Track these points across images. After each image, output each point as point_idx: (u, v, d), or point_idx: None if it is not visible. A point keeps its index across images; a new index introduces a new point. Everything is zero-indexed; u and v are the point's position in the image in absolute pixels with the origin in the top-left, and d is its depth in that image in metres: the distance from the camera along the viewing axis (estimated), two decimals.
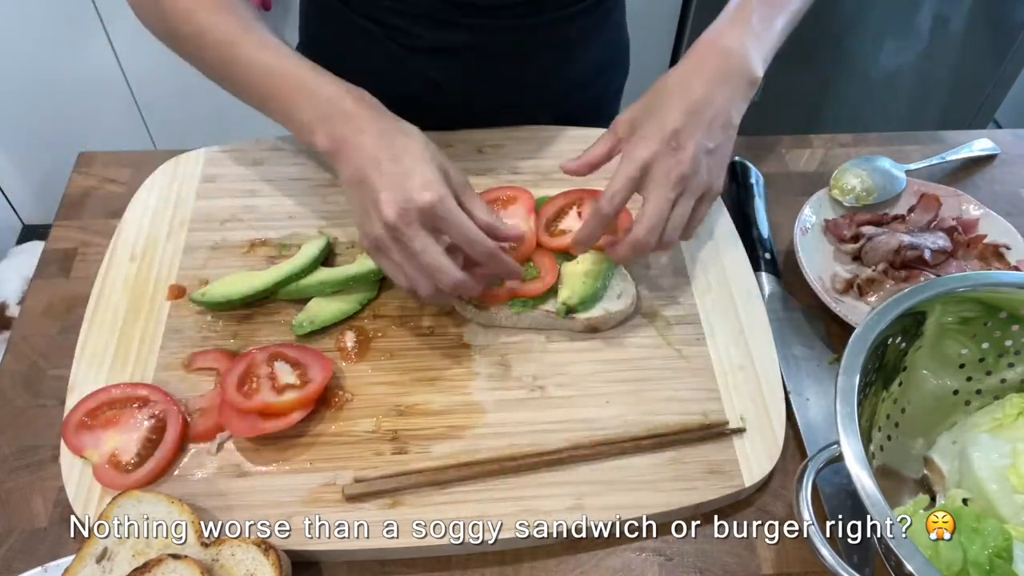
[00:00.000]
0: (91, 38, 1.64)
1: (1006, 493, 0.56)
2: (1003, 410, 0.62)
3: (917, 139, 0.97)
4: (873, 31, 1.64)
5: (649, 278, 0.78)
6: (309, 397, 0.65)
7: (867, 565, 0.60)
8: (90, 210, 0.84)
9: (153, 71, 1.72)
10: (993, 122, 1.97)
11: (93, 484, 0.62)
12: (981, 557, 0.51)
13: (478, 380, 0.70)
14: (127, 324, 0.72)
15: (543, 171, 0.86)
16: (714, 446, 0.66)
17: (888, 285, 0.78)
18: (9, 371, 0.70)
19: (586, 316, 0.72)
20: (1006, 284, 0.62)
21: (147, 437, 0.64)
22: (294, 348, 0.69)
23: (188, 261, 0.77)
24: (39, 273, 0.78)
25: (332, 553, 0.60)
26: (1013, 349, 0.64)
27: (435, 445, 0.65)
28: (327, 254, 0.77)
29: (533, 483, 0.63)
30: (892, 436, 0.64)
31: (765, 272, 0.80)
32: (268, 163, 0.86)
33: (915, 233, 0.82)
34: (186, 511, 0.58)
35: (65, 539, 0.61)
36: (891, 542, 0.48)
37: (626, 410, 0.68)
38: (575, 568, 0.61)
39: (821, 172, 0.93)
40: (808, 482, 0.55)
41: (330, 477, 0.63)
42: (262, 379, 0.65)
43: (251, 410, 0.63)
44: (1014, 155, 0.96)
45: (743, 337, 0.73)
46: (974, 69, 1.76)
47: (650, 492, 0.63)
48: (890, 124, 1.84)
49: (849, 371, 0.55)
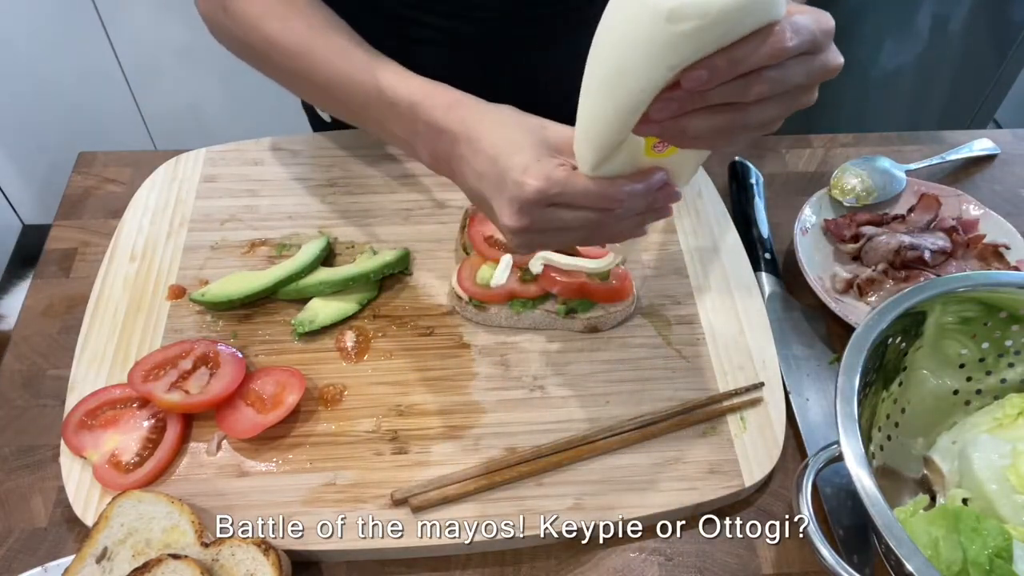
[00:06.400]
0: (91, 38, 1.64)
1: (1006, 493, 0.56)
2: (1003, 410, 0.62)
3: (917, 139, 0.97)
4: (873, 31, 1.64)
5: (649, 278, 0.78)
6: (195, 404, 0.65)
7: (867, 565, 0.60)
8: (90, 210, 0.84)
9: (153, 71, 1.72)
10: (993, 122, 1.97)
11: (93, 484, 0.62)
12: (981, 557, 0.51)
13: (478, 380, 0.70)
14: (127, 324, 0.72)
15: None
16: (714, 446, 0.66)
17: (888, 285, 0.78)
18: (9, 371, 0.70)
19: (586, 316, 0.72)
20: (1006, 284, 0.62)
21: (147, 437, 0.64)
22: (229, 353, 0.68)
23: (188, 261, 0.77)
24: (39, 273, 0.78)
25: (332, 553, 0.60)
26: (1013, 349, 0.64)
27: (435, 445, 0.65)
28: (327, 254, 0.77)
29: (533, 483, 0.63)
30: (892, 436, 0.64)
31: (765, 272, 0.80)
32: (268, 163, 0.86)
33: (915, 233, 0.82)
34: (186, 511, 0.58)
35: (65, 539, 0.61)
36: (891, 542, 0.48)
37: (626, 410, 0.68)
38: (575, 568, 0.61)
39: (821, 172, 0.93)
40: (808, 482, 0.55)
41: (330, 477, 0.63)
42: (174, 372, 0.67)
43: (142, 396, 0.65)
44: (1014, 155, 0.96)
45: (743, 337, 0.73)
46: (974, 69, 1.76)
47: (650, 492, 0.63)
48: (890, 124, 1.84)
49: (849, 371, 0.55)
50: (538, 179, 0.53)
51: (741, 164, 0.89)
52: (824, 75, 0.50)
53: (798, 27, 0.45)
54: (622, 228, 0.57)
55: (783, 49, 0.45)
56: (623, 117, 0.47)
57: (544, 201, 0.53)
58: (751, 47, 0.44)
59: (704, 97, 0.46)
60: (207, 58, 1.65)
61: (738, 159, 0.89)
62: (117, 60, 1.69)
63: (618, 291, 0.72)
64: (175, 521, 0.58)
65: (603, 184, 0.53)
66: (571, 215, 0.54)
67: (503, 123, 0.58)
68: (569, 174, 0.53)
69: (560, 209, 0.54)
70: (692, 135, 0.48)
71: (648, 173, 0.54)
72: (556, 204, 0.54)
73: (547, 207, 0.54)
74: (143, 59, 1.70)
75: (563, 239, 0.58)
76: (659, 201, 0.56)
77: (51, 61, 1.68)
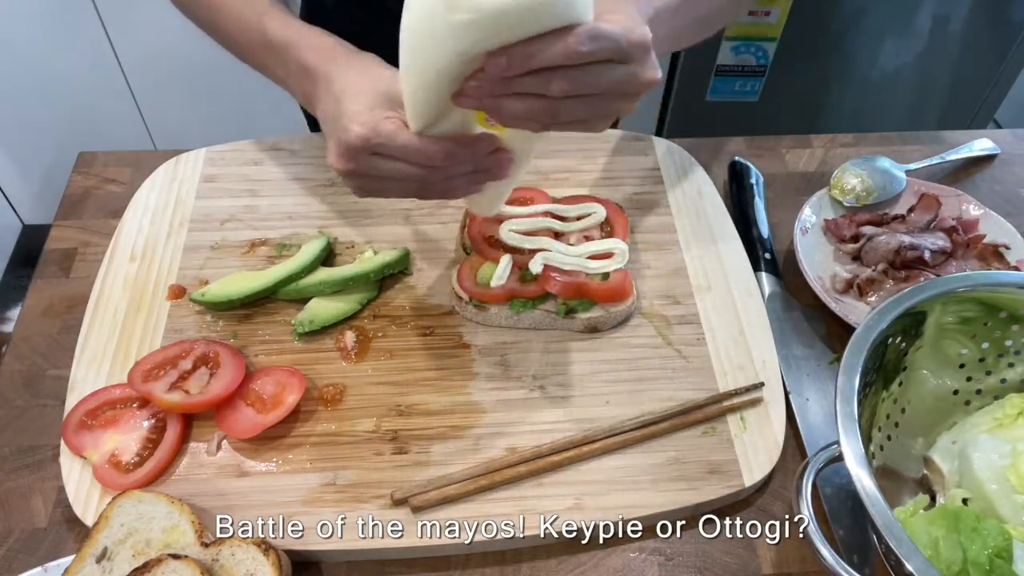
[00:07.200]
0: (91, 38, 1.64)
1: (1006, 493, 0.56)
2: (1003, 410, 0.62)
3: (917, 139, 0.97)
4: (873, 31, 1.64)
5: (649, 278, 0.78)
6: (195, 404, 0.65)
7: (867, 565, 0.60)
8: (90, 210, 0.84)
9: (153, 71, 1.72)
10: (993, 122, 1.97)
11: (93, 484, 0.62)
12: (981, 557, 0.51)
13: (478, 380, 0.70)
14: (127, 324, 0.72)
15: (543, 171, 0.86)
16: (714, 446, 0.66)
17: (888, 285, 0.78)
18: (9, 371, 0.70)
19: (586, 316, 0.72)
20: (1006, 284, 0.62)
21: (147, 437, 0.64)
22: (231, 353, 0.68)
23: (188, 261, 0.77)
24: (39, 273, 0.78)
25: (332, 553, 0.60)
26: (1013, 349, 0.64)
27: (435, 445, 0.65)
28: (327, 254, 0.77)
29: (533, 483, 0.63)
30: (892, 436, 0.64)
31: (765, 272, 0.80)
32: (268, 163, 0.86)
33: (915, 233, 0.82)
34: (186, 511, 0.58)
35: (65, 539, 0.61)
36: (891, 542, 0.48)
37: (626, 410, 0.68)
38: (575, 568, 0.61)
39: (821, 172, 0.93)
40: (808, 482, 0.55)
41: (330, 477, 0.63)
42: (174, 372, 0.67)
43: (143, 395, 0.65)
44: (1014, 155, 0.96)
45: (743, 337, 0.73)
46: (974, 69, 1.76)
47: (650, 492, 0.63)
48: (890, 124, 1.84)
49: (849, 371, 0.55)
50: (363, 127, 0.56)
51: (741, 164, 0.89)
52: (634, 86, 0.52)
53: (599, 33, 0.48)
54: (452, 185, 0.59)
55: (575, 52, 0.47)
56: (427, 92, 0.52)
57: (367, 149, 0.56)
58: (543, 45, 0.47)
59: (511, 84, 0.50)
60: (207, 58, 1.64)
61: (738, 159, 0.89)
62: (117, 60, 1.69)
63: (618, 291, 0.72)
64: (175, 521, 0.58)
65: (425, 142, 0.55)
66: (393, 166, 0.57)
67: (358, 70, 0.61)
68: (395, 128, 0.55)
69: (384, 159, 0.57)
70: (507, 114, 0.52)
71: (474, 138, 0.57)
72: (379, 154, 0.57)
73: (371, 156, 0.57)
74: (143, 59, 1.70)
75: (391, 188, 0.60)
76: (488, 163, 0.58)
77: (51, 61, 1.68)
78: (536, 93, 0.50)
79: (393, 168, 0.57)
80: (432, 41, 0.48)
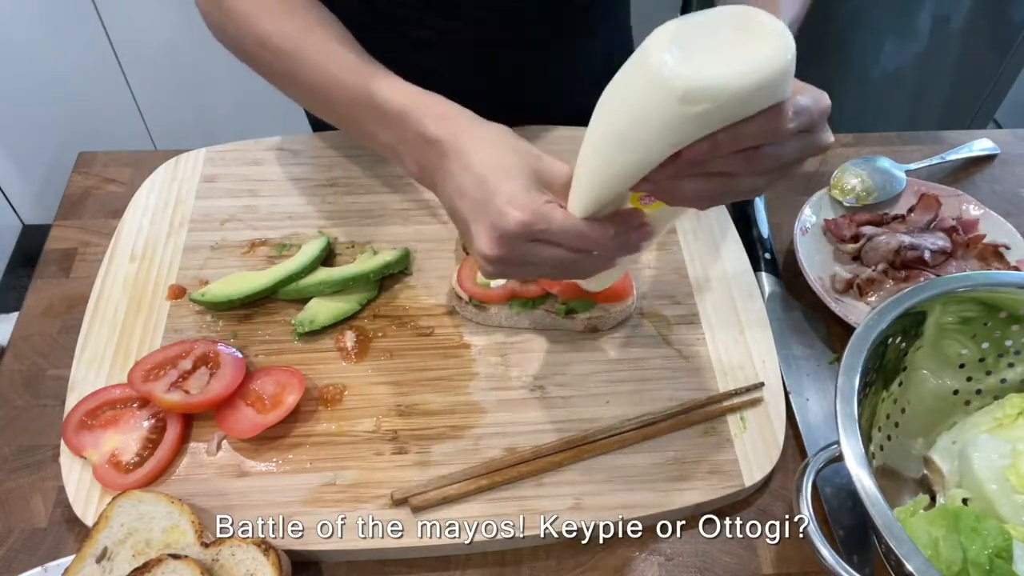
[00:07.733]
0: (91, 38, 1.64)
1: (1006, 493, 0.56)
2: (1003, 410, 0.62)
3: (917, 139, 0.97)
4: (873, 31, 1.64)
5: (649, 278, 0.78)
6: (195, 404, 0.65)
7: (867, 565, 0.60)
8: (90, 210, 0.84)
9: (153, 71, 1.72)
10: (993, 122, 1.96)
11: (93, 484, 0.62)
12: (981, 557, 0.51)
13: (478, 380, 0.70)
14: (127, 324, 0.72)
15: None
16: (714, 446, 0.66)
17: (888, 285, 0.78)
18: (9, 371, 0.70)
19: (586, 316, 0.72)
20: (1006, 284, 0.62)
21: (147, 437, 0.64)
22: (229, 355, 0.68)
23: (188, 261, 0.77)
24: (39, 273, 0.78)
25: (332, 553, 0.60)
26: (1013, 349, 0.64)
27: (435, 445, 0.65)
28: (327, 254, 0.77)
29: (533, 483, 0.63)
30: (892, 436, 0.64)
31: (765, 272, 0.80)
32: (268, 163, 0.86)
33: (915, 233, 0.82)
34: (186, 511, 0.58)
35: (65, 539, 0.61)
36: (891, 542, 0.48)
37: (626, 410, 0.68)
38: (575, 568, 0.61)
39: (821, 172, 0.93)
40: (808, 482, 0.55)
41: (330, 477, 0.63)
42: (174, 372, 0.66)
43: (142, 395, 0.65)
44: (1014, 155, 0.96)
45: (743, 337, 0.73)
46: (974, 69, 1.76)
47: (650, 492, 0.63)
48: (890, 124, 1.84)
49: (849, 371, 0.55)
50: (525, 212, 0.52)
51: None
52: (815, 152, 0.52)
53: (800, 109, 0.47)
54: (592, 266, 0.58)
55: (784, 130, 0.46)
56: (623, 179, 0.49)
57: (526, 235, 0.52)
58: (755, 126, 0.45)
59: (702, 166, 0.47)
60: (207, 58, 1.64)
61: None
62: (117, 59, 1.69)
63: (618, 291, 0.72)
64: (175, 521, 0.58)
65: (591, 227, 0.52)
66: (549, 252, 0.54)
67: (495, 143, 0.57)
68: (563, 215, 0.52)
69: (541, 245, 0.53)
70: (683, 196, 0.50)
71: (630, 219, 0.54)
72: (538, 240, 0.53)
73: (528, 241, 0.53)
74: (143, 58, 1.70)
75: (535, 273, 0.58)
76: (632, 242, 0.55)
77: (51, 61, 1.68)
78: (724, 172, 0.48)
79: (550, 254, 0.53)
80: (653, 132, 0.45)
